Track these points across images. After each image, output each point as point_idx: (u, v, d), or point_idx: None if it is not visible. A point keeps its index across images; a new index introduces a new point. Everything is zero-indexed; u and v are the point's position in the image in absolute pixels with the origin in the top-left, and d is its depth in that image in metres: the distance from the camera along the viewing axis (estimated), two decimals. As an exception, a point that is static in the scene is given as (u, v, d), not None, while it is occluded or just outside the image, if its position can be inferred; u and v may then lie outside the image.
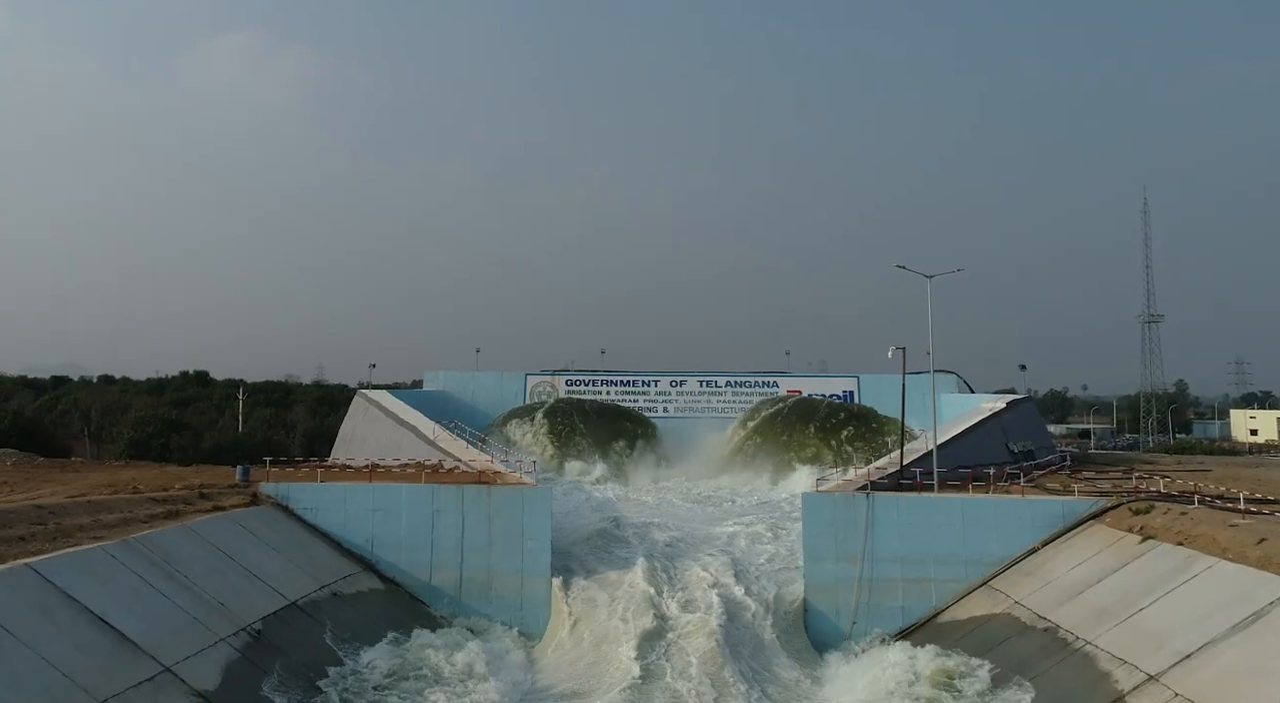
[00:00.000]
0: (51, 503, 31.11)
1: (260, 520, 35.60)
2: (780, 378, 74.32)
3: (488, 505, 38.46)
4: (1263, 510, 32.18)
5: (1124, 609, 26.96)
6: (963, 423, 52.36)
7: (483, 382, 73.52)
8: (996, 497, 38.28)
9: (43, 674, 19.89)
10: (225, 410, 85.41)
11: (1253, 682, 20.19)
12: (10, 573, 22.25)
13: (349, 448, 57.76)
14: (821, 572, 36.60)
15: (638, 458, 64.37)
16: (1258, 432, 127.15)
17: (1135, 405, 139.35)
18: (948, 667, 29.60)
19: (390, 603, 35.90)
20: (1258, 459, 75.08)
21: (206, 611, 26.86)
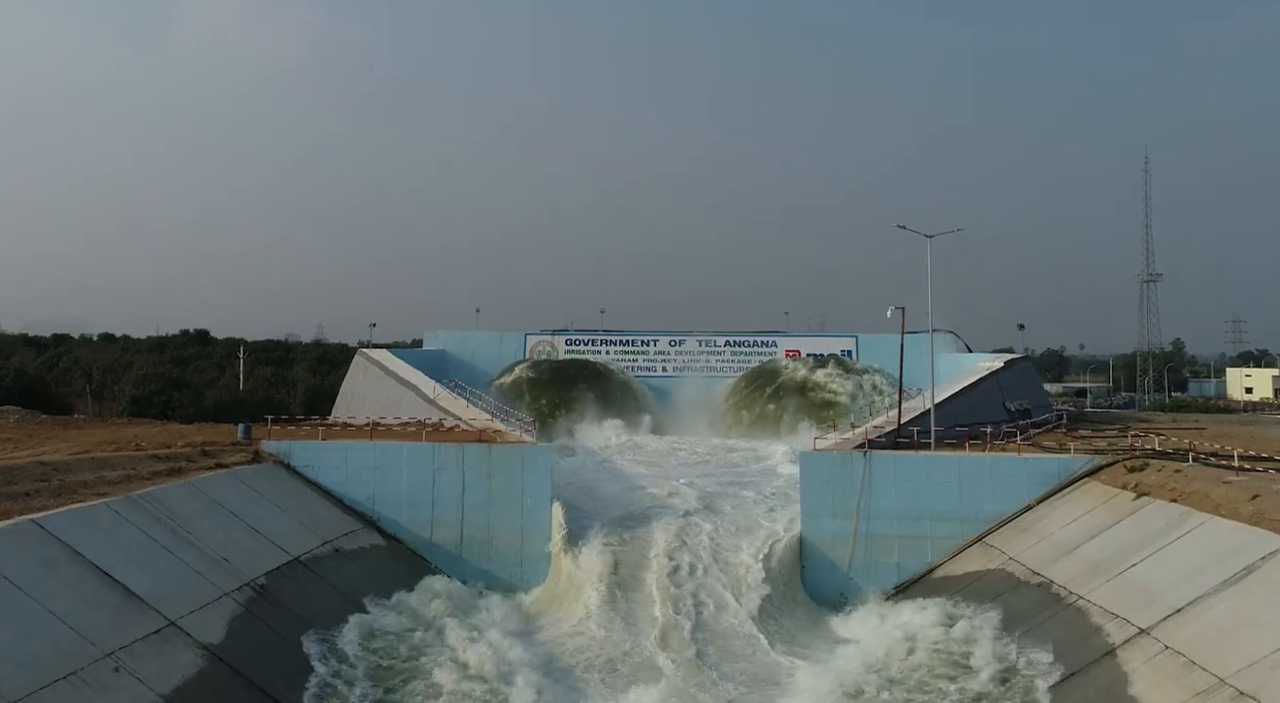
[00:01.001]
0: (55, 460, 31.40)
1: (263, 477, 35.93)
2: (779, 337, 74.45)
3: (488, 464, 38.83)
4: (1256, 468, 32.45)
5: (1117, 565, 27.30)
6: (960, 382, 52.58)
7: (482, 341, 73.67)
8: (993, 455, 38.63)
9: (50, 627, 20.19)
10: (226, 369, 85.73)
11: (1241, 635, 20.48)
12: (16, 528, 22.50)
13: (350, 406, 58.06)
14: (819, 528, 37.07)
15: (633, 417, 64.60)
16: (1253, 390, 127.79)
17: (1132, 364, 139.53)
18: (951, 614, 30.23)
19: (392, 559, 36.37)
20: (1252, 417, 75.49)
21: (210, 566, 27.19)
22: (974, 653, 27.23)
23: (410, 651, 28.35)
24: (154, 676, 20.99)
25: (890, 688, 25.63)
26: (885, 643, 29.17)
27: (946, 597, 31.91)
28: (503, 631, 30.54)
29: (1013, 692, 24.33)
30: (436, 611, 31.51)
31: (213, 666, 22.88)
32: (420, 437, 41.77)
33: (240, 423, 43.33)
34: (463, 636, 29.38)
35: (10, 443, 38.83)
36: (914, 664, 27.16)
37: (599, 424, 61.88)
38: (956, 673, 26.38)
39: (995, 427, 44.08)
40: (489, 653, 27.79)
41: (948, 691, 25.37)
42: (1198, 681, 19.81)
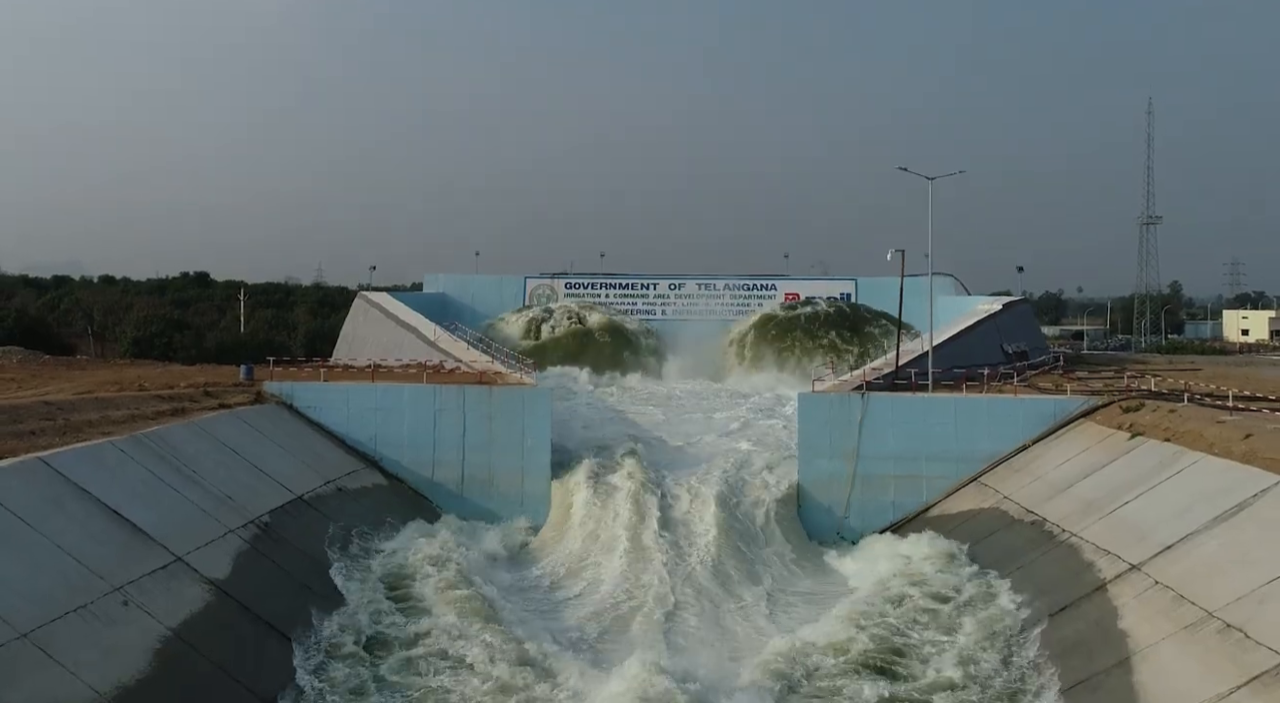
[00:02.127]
0: (59, 399, 31.64)
1: (265, 418, 36.22)
2: (778, 281, 74.43)
3: (489, 405, 39.14)
4: (1250, 407, 32.71)
5: (1110, 503, 27.64)
6: (959, 325, 52.78)
7: (482, 284, 73.68)
8: (989, 396, 38.90)
9: (60, 562, 20.50)
10: (226, 311, 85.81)
11: (1231, 570, 20.79)
12: (23, 466, 22.76)
13: (350, 349, 58.25)
14: (816, 469, 37.51)
15: (635, 359, 64.83)
16: (1249, 332, 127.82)
17: (1129, 307, 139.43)
18: (945, 550, 30.73)
19: (394, 498, 36.85)
20: (1247, 358, 75.80)
21: (215, 504, 27.53)
22: (964, 587, 27.78)
23: (412, 585, 28.79)
24: (162, 609, 21.35)
25: (883, 618, 26.14)
26: (878, 576, 29.70)
27: (940, 533, 32.44)
28: (500, 568, 31.17)
29: (1002, 627, 24.74)
30: (435, 547, 31.92)
31: (219, 600, 23.27)
32: (421, 379, 42.03)
33: (242, 364, 43.51)
34: (461, 568, 29.90)
35: (14, 383, 39.08)
36: (905, 597, 27.64)
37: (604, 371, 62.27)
38: (947, 605, 26.89)
39: (992, 369, 44.32)
40: (492, 591, 28.26)
41: (939, 621, 25.88)
42: (1186, 614, 20.16)
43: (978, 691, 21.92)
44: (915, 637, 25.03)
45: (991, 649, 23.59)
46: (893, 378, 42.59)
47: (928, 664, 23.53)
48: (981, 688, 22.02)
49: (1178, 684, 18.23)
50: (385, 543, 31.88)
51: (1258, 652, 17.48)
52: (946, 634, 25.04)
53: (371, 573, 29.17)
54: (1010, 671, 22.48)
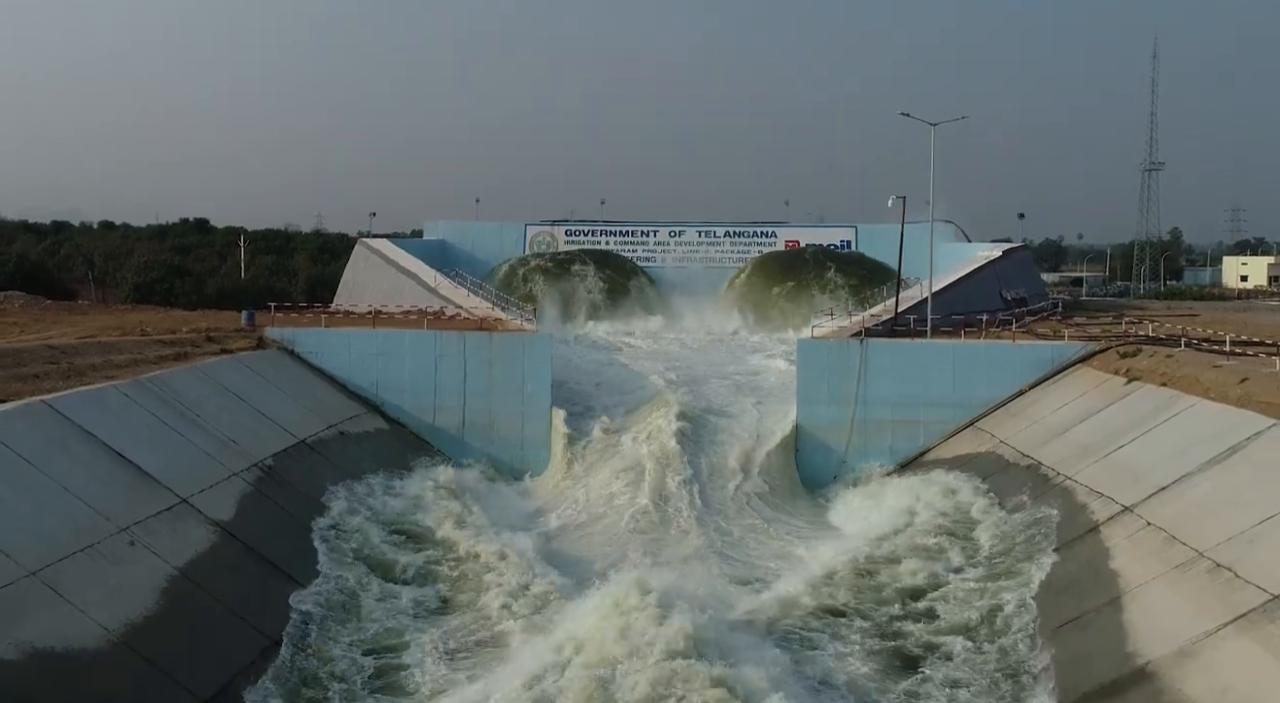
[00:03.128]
0: (62, 343, 31.82)
1: (267, 363, 36.44)
2: (779, 228, 74.21)
3: (489, 351, 39.40)
4: (1247, 352, 32.85)
5: (1105, 447, 27.90)
6: (958, 272, 52.84)
7: (482, 231, 73.54)
8: (987, 342, 39.12)
9: (66, 502, 20.74)
10: (227, 257, 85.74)
11: (1223, 511, 21.01)
12: (28, 409, 22.94)
13: (351, 295, 58.35)
14: (814, 414, 37.81)
15: (635, 306, 64.91)
16: (1247, 278, 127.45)
17: (1129, 254, 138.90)
18: (949, 484, 31.36)
19: (396, 442, 37.23)
20: (1246, 304, 75.99)
21: (219, 447, 27.79)
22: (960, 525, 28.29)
23: (415, 526, 29.21)
24: (168, 550, 21.64)
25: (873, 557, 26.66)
26: (874, 518, 30.14)
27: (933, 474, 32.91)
28: (501, 510, 31.69)
29: (995, 568, 25.12)
30: (436, 489, 32.41)
31: (224, 541, 23.59)
32: (422, 325, 42.24)
33: (243, 310, 43.68)
34: (462, 510, 30.40)
35: (16, 327, 39.25)
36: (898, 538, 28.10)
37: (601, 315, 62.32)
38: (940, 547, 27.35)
39: (991, 315, 44.47)
40: (493, 534, 28.67)
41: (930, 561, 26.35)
42: (1177, 554, 20.44)
43: (968, 630, 22.36)
44: (908, 577, 25.44)
45: (984, 590, 23.99)
46: (892, 324, 42.78)
47: (920, 601, 24.03)
48: (973, 627, 22.46)
49: (1166, 622, 18.53)
50: (387, 485, 32.25)
51: (1246, 590, 17.75)
52: (941, 575, 25.47)
53: (374, 512, 29.59)
54: (1002, 610, 22.87)
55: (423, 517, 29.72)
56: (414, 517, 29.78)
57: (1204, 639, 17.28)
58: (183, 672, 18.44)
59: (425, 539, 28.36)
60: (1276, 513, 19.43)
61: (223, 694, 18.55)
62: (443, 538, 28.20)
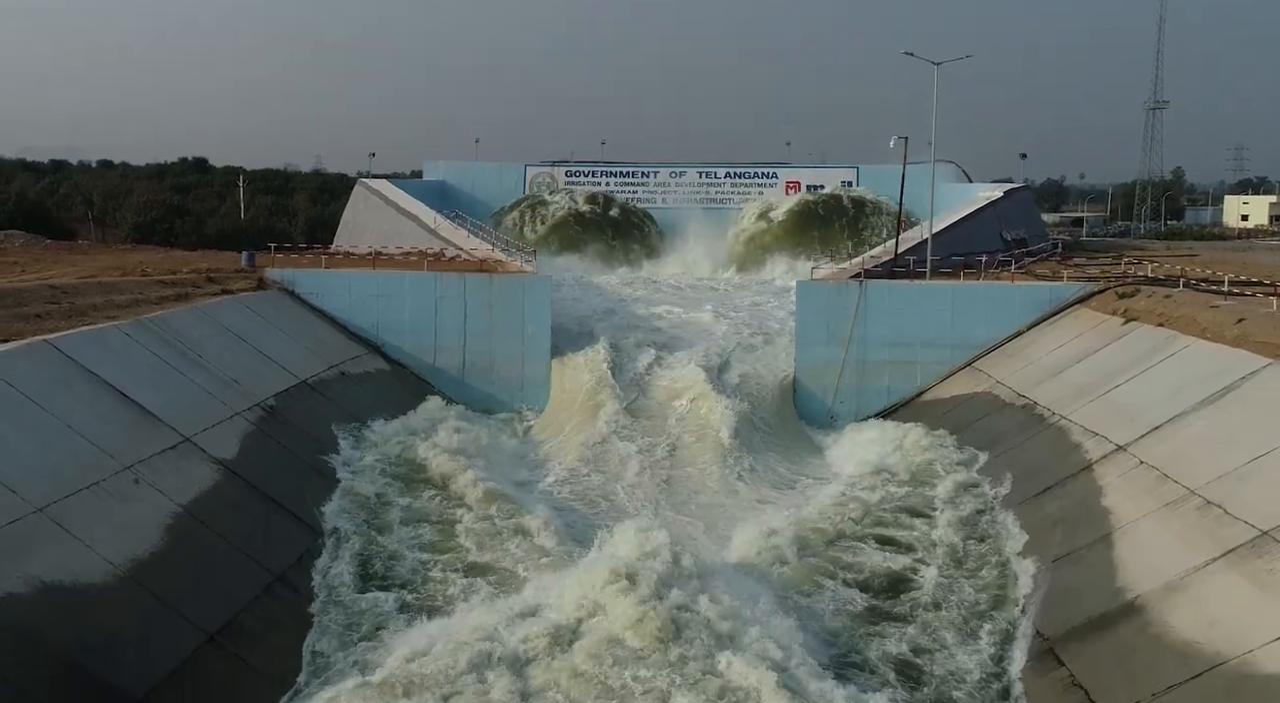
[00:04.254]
0: (63, 283, 31.91)
1: (268, 304, 36.55)
2: (780, 169, 73.79)
3: (489, 293, 39.50)
4: (1245, 292, 32.89)
5: (1100, 387, 28.09)
6: (959, 212, 52.67)
7: (482, 172, 73.07)
8: (986, 283, 39.20)
9: (70, 441, 20.95)
10: (226, 197, 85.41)
11: (1215, 450, 21.21)
12: (31, 348, 23.09)
13: (351, 236, 58.20)
14: (812, 356, 38.07)
15: (635, 247, 64.80)
16: (1248, 217, 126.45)
17: (1131, 194, 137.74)
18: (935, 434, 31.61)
19: (396, 382, 37.51)
20: (1246, 244, 75.75)
21: (221, 387, 27.98)
22: (952, 466, 28.61)
23: (415, 465, 29.54)
24: (173, 488, 21.90)
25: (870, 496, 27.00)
26: (868, 458, 30.46)
27: (933, 418, 33.17)
28: (501, 449, 32.06)
29: (990, 505, 25.45)
30: (437, 428, 32.74)
31: (228, 479, 23.86)
32: (422, 266, 42.26)
33: (243, 251, 43.68)
34: (463, 448, 30.80)
35: (17, 266, 39.28)
36: (894, 476, 28.42)
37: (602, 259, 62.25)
38: (935, 482, 27.70)
39: (991, 256, 44.45)
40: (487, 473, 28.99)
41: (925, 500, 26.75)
42: (1168, 492, 20.69)
43: (961, 565, 22.74)
44: (903, 515, 25.84)
45: (976, 527, 24.38)
46: (891, 266, 42.78)
47: (914, 538, 24.45)
48: (964, 562, 22.84)
49: (1156, 558, 18.82)
50: (388, 424, 32.51)
51: (1235, 527, 18.01)
52: (932, 512, 25.87)
53: (375, 450, 29.93)
54: (994, 546, 23.24)
55: (423, 456, 30.01)
56: (414, 456, 30.07)
57: (1192, 574, 17.58)
58: (188, 606, 18.78)
59: (424, 478, 28.70)
60: (1268, 451, 19.64)
61: (228, 628, 18.90)
62: (441, 477, 28.51)
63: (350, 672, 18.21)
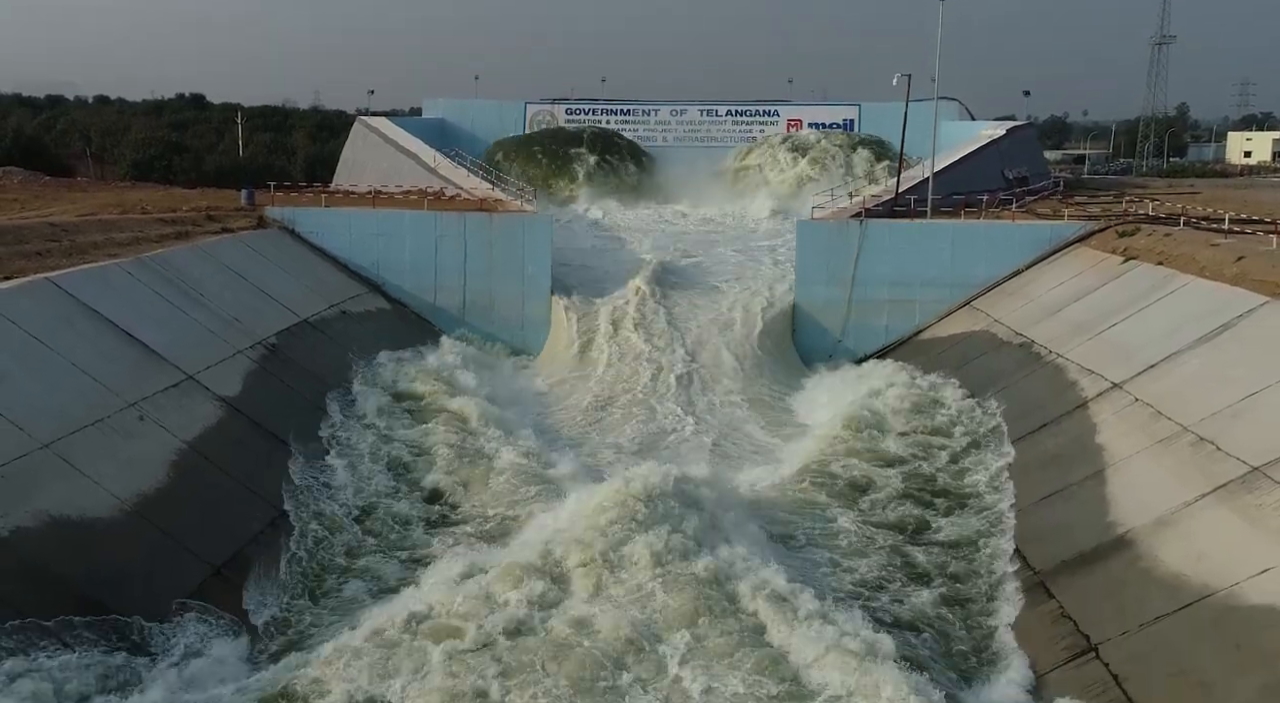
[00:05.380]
0: (64, 221, 31.90)
1: (268, 243, 36.59)
2: (781, 107, 73.19)
3: (489, 232, 39.52)
4: (1246, 230, 32.84)
5: (1098, 325, 28.19)
6: (961, 151, 52.34)
7: (482, 110, 72.47)
8: (987, 222, 39.15)
9: (75, 379, 21.15)
10: (225, 135, 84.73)
11: (1209, 388, 21.36)
12: (33, 286, 23.21)
13: (350, 174, 57.95)
14: (812, 294, 38.21)
15: (636, 185, 64.49)
16: (1251, 154, 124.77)
17: (1134, 131, 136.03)
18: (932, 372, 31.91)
19: (397, 321, 37.69)
20: (1248, 181, 75.25)
21: (223, 326, 28.13)
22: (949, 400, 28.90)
23: (417, 402, 29.81)
24: (177, 425, 22.16)
25: (868, 433, 27.29)
26: (863, 394, 30.74)
27: (930, 357, 33.43)
28: (501, 385, 32.35)
29: (986, 441, 25.71)
30: (439, 365, 33.01)
31: (231, 416, 24.12)
32: (422, 205, 42.19)
33: (243, 189, 43.57)
34: (464, 385, 31.13)
35: (16, 203, 39.18)
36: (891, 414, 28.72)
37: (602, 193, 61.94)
38: (930, 420, 28.01)
39: (992, 194, 44.30)
40: (491, 409, 29.25)
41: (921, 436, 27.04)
42: (1162, 429, 20.88)
43: (953, 499, 23.09)
44: (900, 449, 26.18)
45: (969, 462, 24.68)
46: (892, 205, 42.65)
47: (911, 471, 24.83)
48: (956, 497, 23.18)
49: (1147, 494, 19.06)
50: (389, 364, 32.72)
51: (1227, 463, 18.23)
52: (927, 447, 26.18)
53: (377, 387, 30.19)
54: (987, 482, 23.54)
55: (424, 393, 30.26)
56: (416, 392, 30.32)
57: (1183, 509, 17.84)
58: (194, 540, 19.13)
59: (426, 414, 28.95)
60: (1261, 389, 19.82)
61: (234, 561, 19.28)
62: (443, 412, 28.77)
63: (350, 602, 18.68)
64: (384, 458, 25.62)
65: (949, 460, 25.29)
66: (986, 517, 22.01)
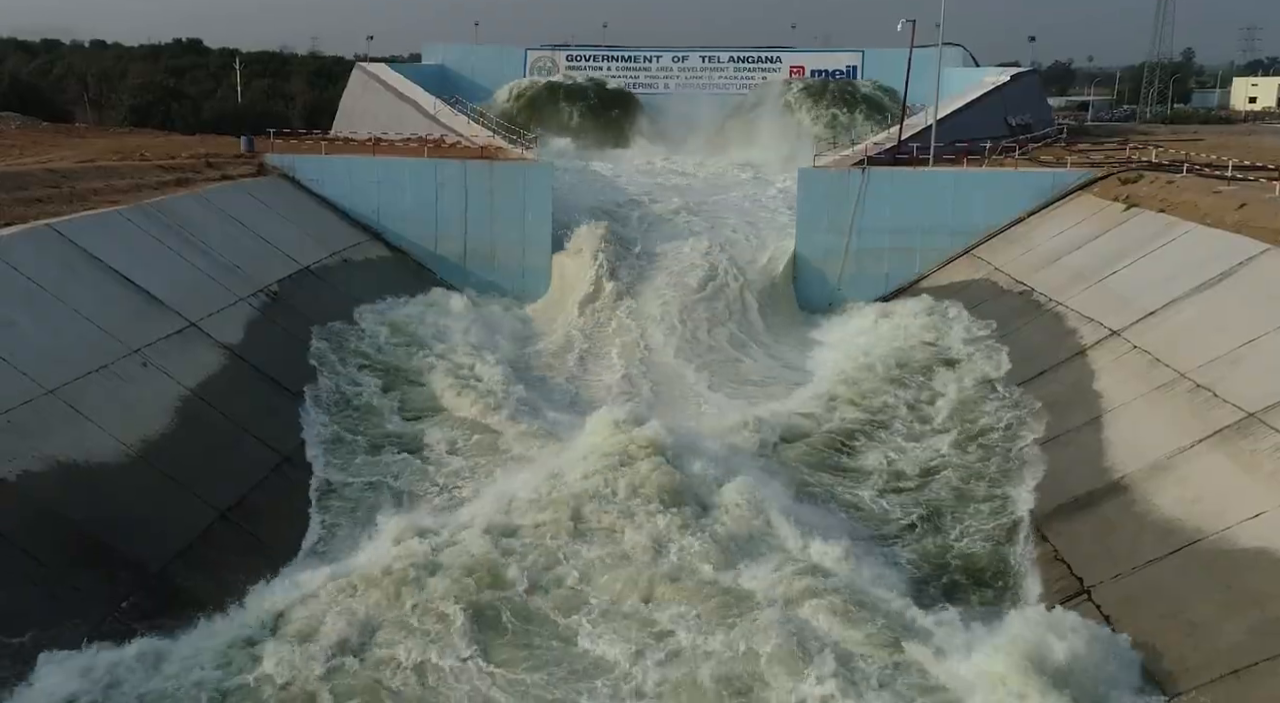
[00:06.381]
0: (63, 167, 31.79)
1: (269, 190, 36.48)
2: (784, 53, 72.44)
3: (490, 180, 39.36)
4: (1248, 177, 32.77)
5: (1098, 273, 28.23)
6: (964, 98, 51.97)
7: (482, 56, 71.83)
8: (989, 170, 39.02)
9: (78, 325, 21.24)
10: (222, 80, 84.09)
11: (1208, 335, 21.45)
12: (34, 232, 23.19)
13: (350, 122, 57.59)
14: (813, 243, 38.16)
15: (637, 132, 64.13)
16: (1256, 99, 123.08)
17: (1139, 77, 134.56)
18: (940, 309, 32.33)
19: (398, 269, 37.66)
20: (1252, 127, 74.72)
21: (224, 273, 28.16)
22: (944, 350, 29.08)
23: (416, 350, 29.94)
24: (180, 371, 22.28)
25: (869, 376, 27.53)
26: (864, 342, 30.91)
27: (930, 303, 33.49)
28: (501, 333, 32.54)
29: (983, 390, 25.87)
30: (439, 313, 33.20)
31: (233, 363, 24.24)
32: (423, 153, 42.02)
33: (243, 136, 43.37)
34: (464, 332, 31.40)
35: (15, 149, 38.98)
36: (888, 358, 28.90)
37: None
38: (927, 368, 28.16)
39: (995, 142, 44.08)
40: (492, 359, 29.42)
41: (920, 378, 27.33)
42: (1160, 375, 21.02)
43: (951, 445, 23.27)
44: (899, 392, 26.42)
45: (966, 409, 24.84)
46: (894, 152, 42.47)
47: (905, 416, 25.12)
48: (954, 443, 23.36)
49: (1144, 440, 19.24)
50: (391, 311, 32.82)
51: (1223, 409, 18.39)
52: (928, 391, 26.40)
53: (377, 335, 30.32)
54: (986, 427, 23.71)
55: (426, 340, 30.41)
56: (418, 339, 30.46)
57: (1179, 454, 18.03)
58: (200, 485, 19.32)
59: (428, 360, 29.04)
60: (1259, 336, 19.93)
61: (240, 506, 19.51)
62: (444, 362, 28.85)
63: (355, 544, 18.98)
64: (382, 403, 25.85)
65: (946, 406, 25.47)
66: (982, 462, 22.20)
